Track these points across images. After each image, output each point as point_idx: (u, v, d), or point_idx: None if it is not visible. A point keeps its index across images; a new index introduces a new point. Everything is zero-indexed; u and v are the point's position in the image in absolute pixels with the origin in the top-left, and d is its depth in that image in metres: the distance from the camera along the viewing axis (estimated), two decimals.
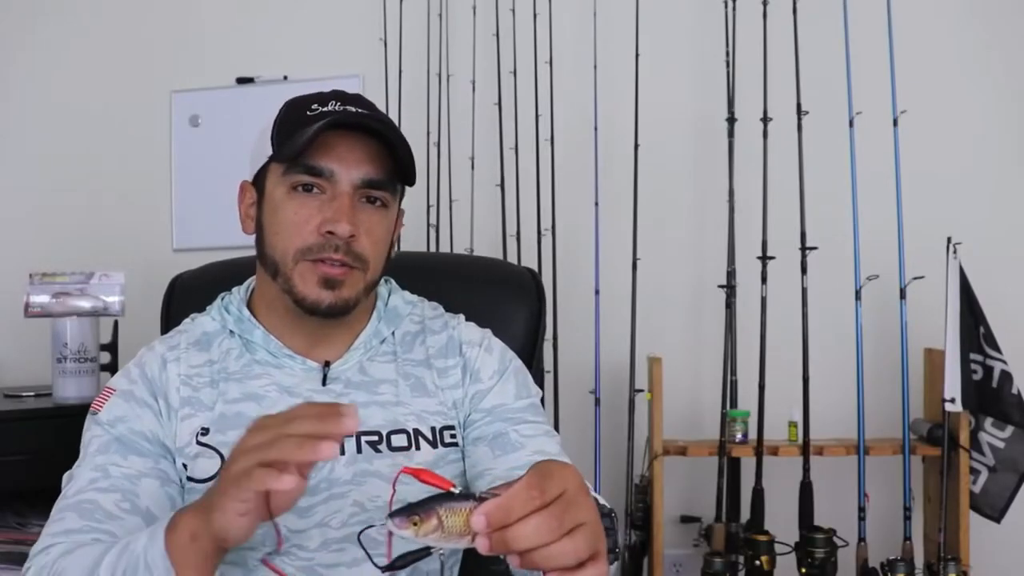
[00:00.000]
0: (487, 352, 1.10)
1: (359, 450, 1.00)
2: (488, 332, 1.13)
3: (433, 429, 1.04)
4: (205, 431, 1.00)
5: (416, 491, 0.73)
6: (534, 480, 0.63)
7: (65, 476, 0.99)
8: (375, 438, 1.01)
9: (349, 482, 1.00)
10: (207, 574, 0.78)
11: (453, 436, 1.05)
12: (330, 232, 0.96)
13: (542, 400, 1.13)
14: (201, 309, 1.12)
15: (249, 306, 1.08)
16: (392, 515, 0.66)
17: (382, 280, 1.14)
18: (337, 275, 0.98)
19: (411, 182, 1.04)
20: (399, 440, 1.02)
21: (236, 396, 1.02)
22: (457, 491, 0.68)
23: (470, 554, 1.16)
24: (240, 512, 0.73)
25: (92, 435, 1.00)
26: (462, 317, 1.15)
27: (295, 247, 0.98)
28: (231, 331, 1.06)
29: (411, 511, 0.65)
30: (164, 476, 0.99)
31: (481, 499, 0.64)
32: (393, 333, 1.09)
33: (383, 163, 0.99)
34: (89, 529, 0.91)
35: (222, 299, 1.10)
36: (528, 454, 0.99)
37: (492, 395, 1.06)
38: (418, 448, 1.02)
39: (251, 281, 1.11)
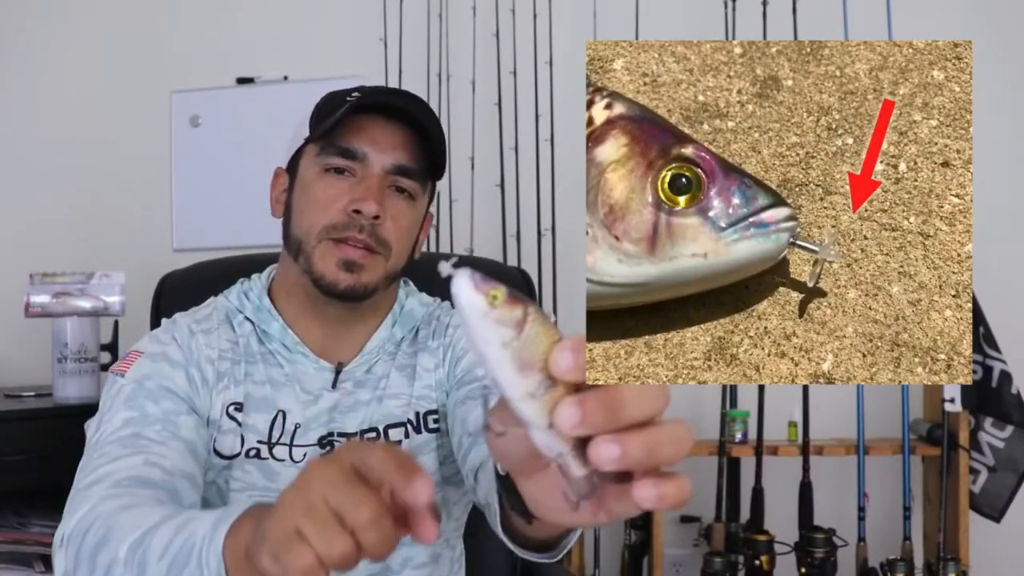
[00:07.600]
0: None
1: None
2: None
3: (418, 414, 1.04)
4: (238, 407, 0.99)
5: None
6: (662, 391, 0.47)
7: (90, 424, 0.93)
8: (372, 435, 1.02)
9: None
10: None
11: (436, 421, 1.05)
12: (356, 211, 0.96)
13: None
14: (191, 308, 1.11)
15: (269, 294, 1.07)
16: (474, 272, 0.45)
17: (401, 281, 1.13)
18: (357, 258, 0.97)
19: (439, 175, 1.05)
20: (396, 434, 1.03)
21: (261, 379, 1.01)
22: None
23: (472, 558, 1.16)
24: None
25: (118, 387, 0.95)
26: None
27: (320, 224, 0.97)
28: (247, 318, 1.05)
29: (494, 282, 0.45)
30: (199, 420, 0.96)
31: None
32: (403, 338, 1.08)
33: (416, 153, 1.00)
34: (136, 452, 0.86)
35: (242, 283, 1.09)
36: None
37: (470, 356, 1.05)
38: (407, 437, 1.03)
39: (271, 270, 1.10)
